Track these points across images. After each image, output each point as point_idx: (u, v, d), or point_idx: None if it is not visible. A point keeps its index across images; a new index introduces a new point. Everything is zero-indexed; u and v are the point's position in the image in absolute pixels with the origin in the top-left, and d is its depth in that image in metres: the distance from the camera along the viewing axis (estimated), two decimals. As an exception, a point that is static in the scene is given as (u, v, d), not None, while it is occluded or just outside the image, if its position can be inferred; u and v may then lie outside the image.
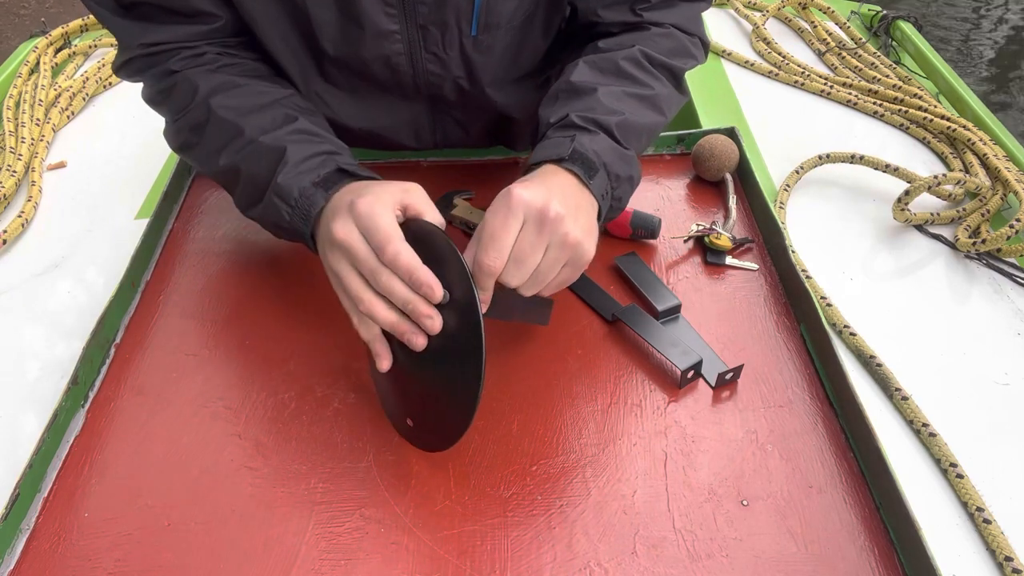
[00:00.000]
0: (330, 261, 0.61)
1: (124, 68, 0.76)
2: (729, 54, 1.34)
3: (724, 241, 0.80)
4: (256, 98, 0.71)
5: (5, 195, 1.03)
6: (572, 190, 0.63)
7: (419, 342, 0.58)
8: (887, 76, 1.24)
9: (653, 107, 0.71)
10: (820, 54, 1.35)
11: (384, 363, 0.61)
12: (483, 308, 0.57)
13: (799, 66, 1.29)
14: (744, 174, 0.90)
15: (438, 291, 0.56)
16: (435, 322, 0.57)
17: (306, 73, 0.80)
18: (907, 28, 1.36)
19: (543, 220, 0.57)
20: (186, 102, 0.72)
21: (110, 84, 1.32)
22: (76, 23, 1.44)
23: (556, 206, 0.58)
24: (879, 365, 0.76)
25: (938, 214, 0.95)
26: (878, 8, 1.43)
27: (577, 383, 0.70)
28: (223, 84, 0.72)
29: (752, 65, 1.31)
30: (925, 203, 0.98)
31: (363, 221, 0.57)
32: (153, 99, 0.77)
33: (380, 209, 0.57)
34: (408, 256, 0.56)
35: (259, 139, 0.67)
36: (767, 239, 0.83)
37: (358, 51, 0.76)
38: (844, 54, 1.32)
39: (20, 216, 0.99)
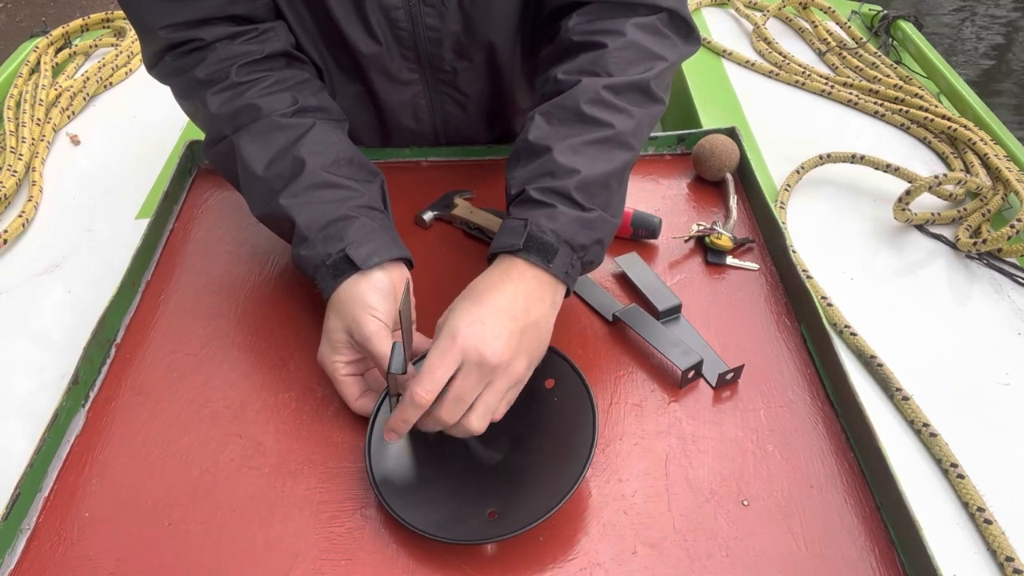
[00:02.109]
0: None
1: (155, 68, 0.76)
2: (730, 54, 1.34)
3: (725, 241, 0.80)
4: (274, 138, 0.72)
5: (5, 195, 1.03)
6: (529, 284, 0.63)
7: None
8: (888, 76, 1.24)
9: (619, 145, 0.69)
10: (821, 54, 1.35)
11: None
12: (393, 437, 0.60)
13: (800, 66, 1.29)
14: (744, 174, 0.90)
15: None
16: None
17: (322, 56, 0.82)
18: (908, 28, 1.36)
19: (482, 364, 0.58)
20: (214, 137, 0.74)
21: (110, 84, 1.32)
22: (76, 23, 1.45)
23: (497, 349, 0.58)
24: (880, 365, 0.76)
25: (939, 214, 0.95)
26: (879, 8, 1.43)
27: (577, 383, 0.69)
28: (245, 116, 0.72)
29: (753, 65, 1.31)
30: (926, 203, 0.98)
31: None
32: (184, 109, 0.78)
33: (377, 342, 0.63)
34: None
35: (279, 201, 0.69)
36: (767, 239, 0.83)
37: (359, 4, 0.76)
38: (845, 54, 1.31)
39: (20, 216, 0.99)
